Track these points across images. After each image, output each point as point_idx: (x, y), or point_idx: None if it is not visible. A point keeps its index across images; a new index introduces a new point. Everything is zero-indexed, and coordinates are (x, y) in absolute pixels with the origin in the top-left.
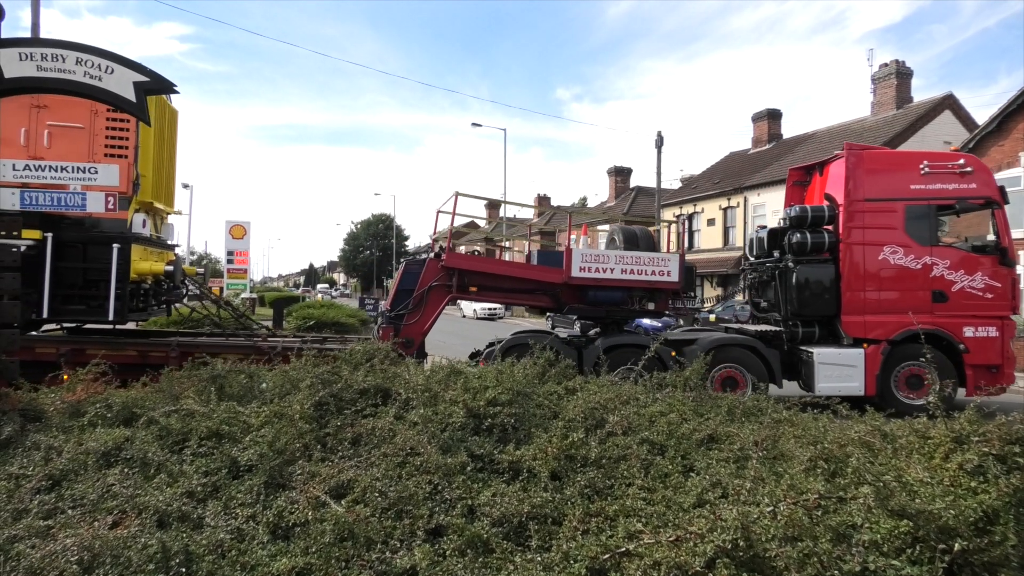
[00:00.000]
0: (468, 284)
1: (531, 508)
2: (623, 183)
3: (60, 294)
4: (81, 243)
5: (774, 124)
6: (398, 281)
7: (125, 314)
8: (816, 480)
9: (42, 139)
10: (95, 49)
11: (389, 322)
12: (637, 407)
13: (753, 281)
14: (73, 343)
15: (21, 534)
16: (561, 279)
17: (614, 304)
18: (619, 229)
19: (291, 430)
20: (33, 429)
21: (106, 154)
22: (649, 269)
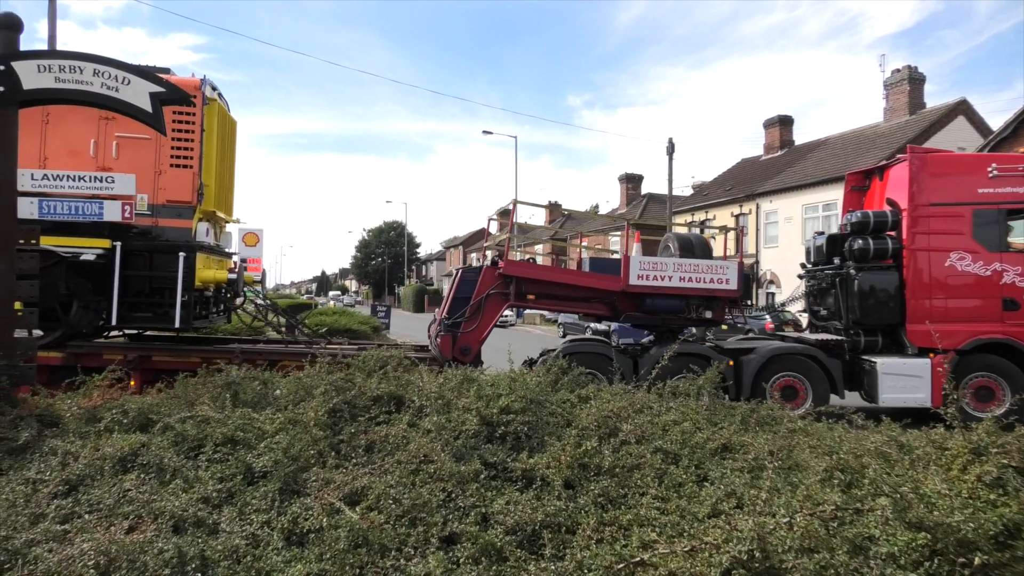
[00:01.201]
0: (526, 292)
1: (545, 516)
2: (634, 190)
3: (127, 301)
4: (148, 252)
5: (786, 130)
6: (455, 289)
7: (190, 321)
8: (832, 491)
9: (110, 150)
10: (112, 60)
11: (447, 330)
12: (651, 416)
13: (811, 288)
14: (140, 349)
15: (38, 538)
16: (619, 287)
17: (671, 312)
18: (674, 236)
19: (305, 437)
20: (50, 434)
21: (172, 164)
22: (708, 277)
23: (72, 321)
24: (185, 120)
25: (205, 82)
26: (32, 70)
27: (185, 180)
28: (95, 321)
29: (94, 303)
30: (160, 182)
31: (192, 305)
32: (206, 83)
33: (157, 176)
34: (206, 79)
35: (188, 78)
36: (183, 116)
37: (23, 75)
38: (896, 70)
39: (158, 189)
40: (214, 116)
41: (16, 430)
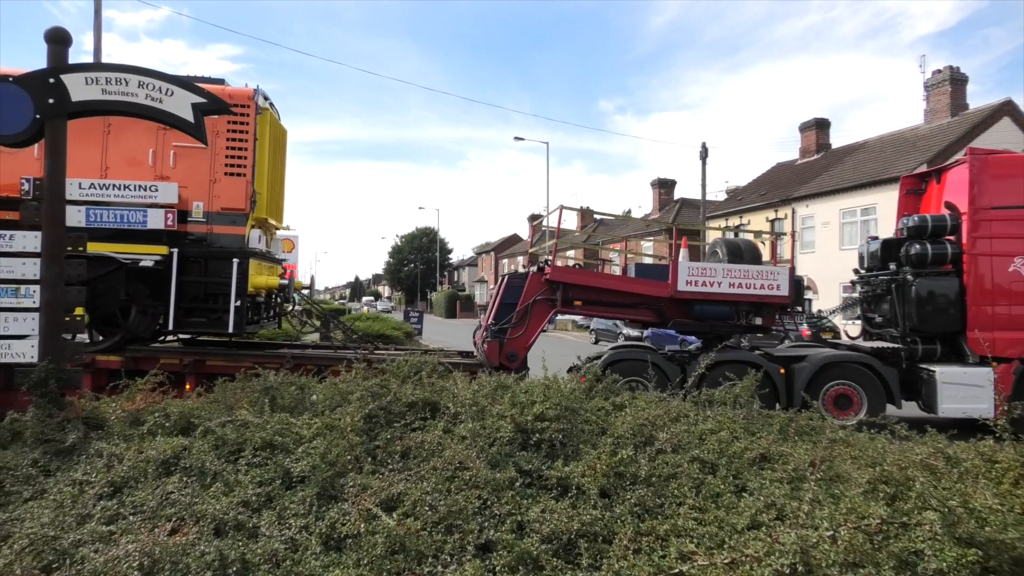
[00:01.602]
0: (573, 298)
1: (581, 525)
2: (667, 195)
3: (183, 307)
4: (203, 258)
5: (822, 134)
6: (501, 294)
7: (243, 326)
8: (877, 504)
9: (168, 160)
10: (156, 72)
11: (494, 336)
12: (687, 424)
13: (865, 295)
14: (196, 354)
15: (85, 539)
16: (667, 293)
17: (720, 319)
18: (722, 241)
19: (342, 442)
20: (96, 437)
21: (226, 172)
22: (758, 283)
23: (131, 326)
24: (239, 129)
25: (258, 92)
26: (80, 82)
27: (239, 188)
28: (152, 326)
29: (151, 308)
30: (215, 190)
31: (245, 310)
32: (258, 93)
33: (212, 184)
34: (259, 89)
35: (241, 88)
36: (237, 125)
37: (72, 87)
38: (937, 71)
39: (213, 197)
40: (266, 125)
41: (63, 432)
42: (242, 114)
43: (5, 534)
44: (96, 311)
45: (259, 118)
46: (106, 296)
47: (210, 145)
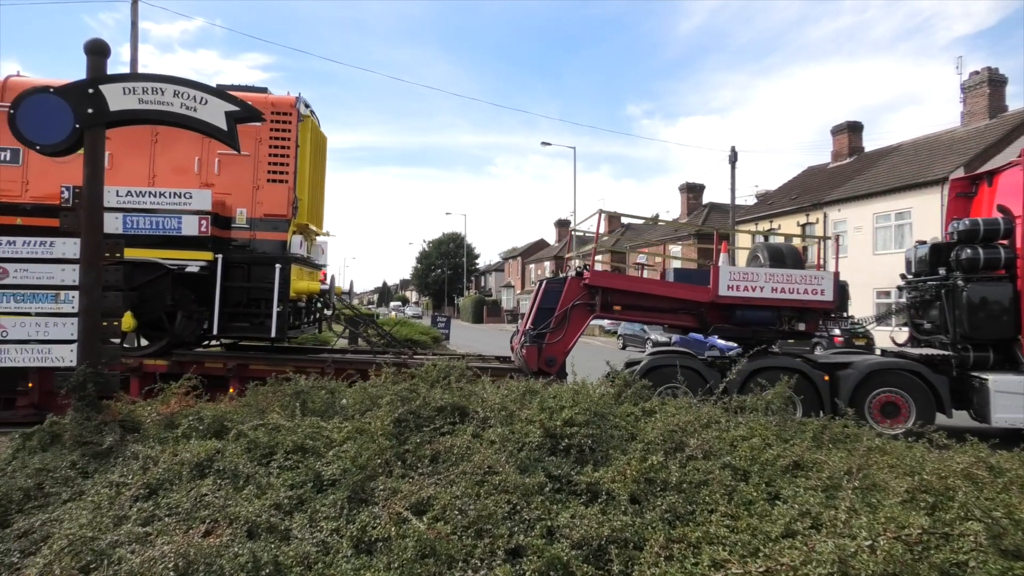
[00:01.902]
0: (612, 303)
1: (611, 531)
2: (695, 200)
3: (226, 312)
4: (246, 263)
5: (855, 137)
6: (539, 299)
7: (285, 331)
8: (917, 514)
9: (213, 167)
10: (190, 82)
11: (532, 341)
12: (718, 431)
13: (913, 301)
14: (239, 358)
15: (122, 540)
16: (708, 298)
17: (762, 324)
18: (763, 246)
19: (372, 446)
20: (132, 439)
21: (269, 179)
22: (801, 288)
23: (177, 330)
24: (281, 136)
25: (299, 99)
26: (118, 92)
27: (281, 194)
28: (197, 331)
29: (196, 313)
30: (258, 196)
31: (287, 315)
32: (300, 100)
33: (255, 191)
34: (300, 97)
35: (284, 96)
36: (279, 133)
37: (110, 97)
38: (975, 72)
39: (256, 203)
40: (308, 132)
41: (101, 435)
42: (284, 121)
43: (45, 534)
44: (143, 316)
45: (300, 125)
46: (153, 301)
47: (253, 152)
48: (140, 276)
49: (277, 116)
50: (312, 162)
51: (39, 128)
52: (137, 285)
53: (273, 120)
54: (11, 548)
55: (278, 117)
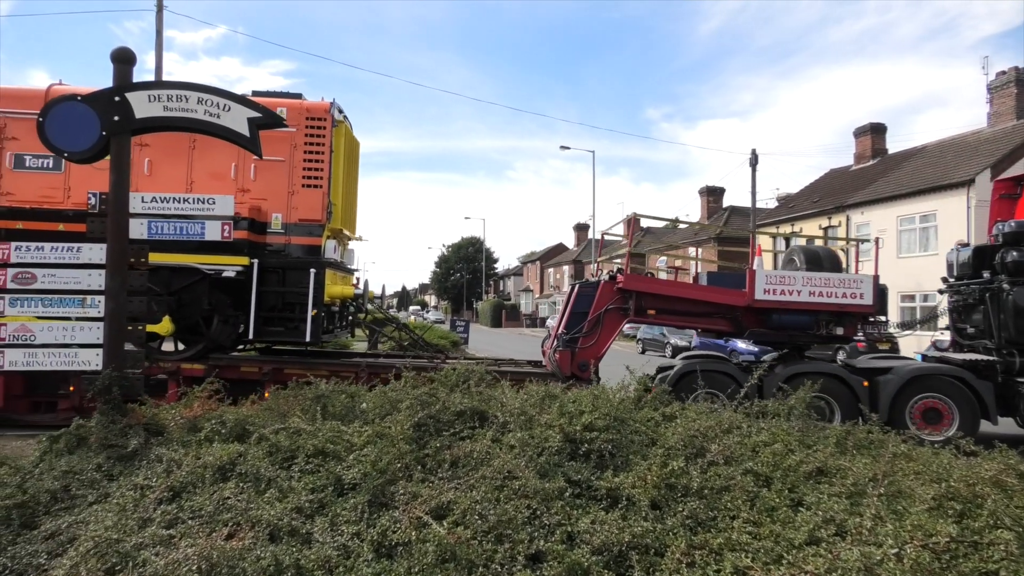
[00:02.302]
0: (645, 307)
1: (632, 537)
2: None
3: (261, 316)
4: (281, 268)
5: (878, 139)
6: (572, 303)
7: (319, 335)
8: (945, 522)
9: (249, 173)
10: (214, 89)
11: (565, 345)
12: (740, 436)
13: (955, 304)
14: (274, 363)
15: (146, 542)
16: (744, 302)
17: (799, 329)
18: (799, 249)
19: (392, 450)
20: (156, 443)
21: (304, 185)
22: (840, 291)
23: (213, 334)
24: (316, 142)
25: (334, 105)
26: (143, 100)
27: (316, 199)
28: (233, 335)
29: (232, 318)
30: (293, 202)
31: (321, 320)
32: (334, 106)
33: (290, 196)
34: (335, 102)
35: (318, 102)
36: (314, 138)
37: (135, 105)
38: (1001, 72)
39: (291, 208)
40: (341, 137)
41: (126, 438)
42: (319, 127)
43: (71, 536)
44: (181, 320)
45: (335, 131)
46: (190, 306)
47: (288, 158)
48: (178, 281)
49: (312, 122)
50: (345, 167)
51: (67, 136)
52: (175, 290)
53: (308, 126)
54: (38, 549)
55: (313, 123)
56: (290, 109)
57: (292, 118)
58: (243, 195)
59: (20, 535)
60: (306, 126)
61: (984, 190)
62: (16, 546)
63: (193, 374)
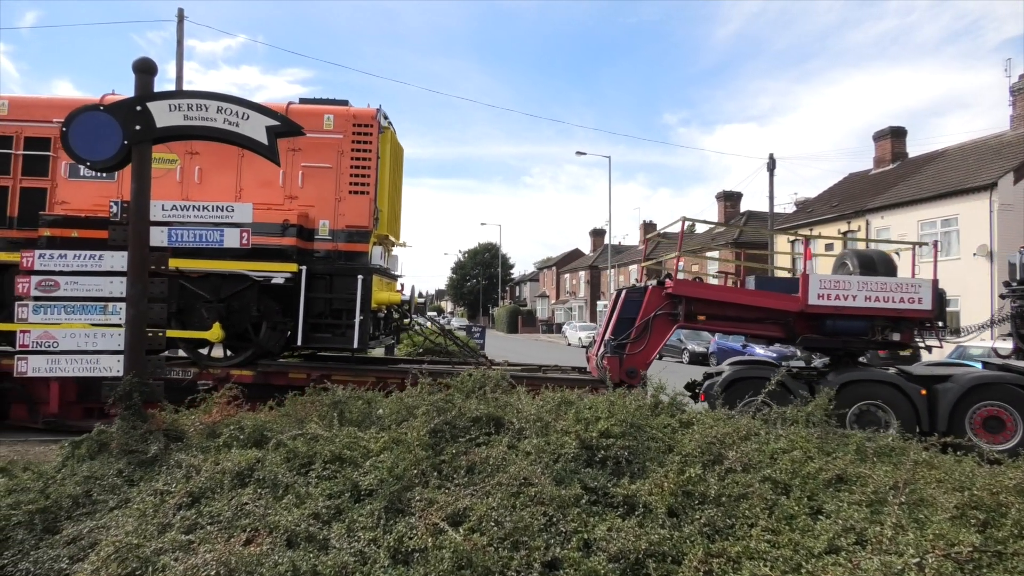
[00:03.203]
0: (695, 312)
1: (649, 545)
2: (733, 208)
3: (309, 322)
4: (328, 275)
5: (898, 142)
6: (620, 309)
7: (366, 342)
8: (968, 531)
9: (297, 180)
10: (233, 98)
11: (613, 351)
12: (757, 443)
13: (1018, 309)
14: (322, 369)
15: (166, 547)
16: (797, 307)
17: (854, 334)
18: (852, 253)
19: (408, 456)
20: (175, 448)
21: (351, 191)
22: (897, 296)
23: (262, 341)
24: (363, 148)
25: (380, 111)
26: (164, 109)
27: (363, 206)
28: (281, 341)
29: (280, 324)
30: (340, 208)
31: (368, 326)
32: (380, 112)
33: (337, 203)
34: (381, 109)
35: (365, 108)
36: (361, 144)
37: (156, 114)
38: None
39: (338, 215)
40: (387, 144)
41: (146, 443)
42: (366, 133)
43: (93, 541)
44: (230, 327)
45: (381, 137)
46: (240, 312)
47: (336, 165)
48: (228, 287)
49: (359, 128)
50: (391, 173)
51: (89, 145)
52: (225, 297)
53: (355, 132)
54: (60, 554)
55: (360, 129)
56: (337, 116)
57: (339, 125)
58: (291, 202)
59: (43, 540)
60: (353, 133)
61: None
62: (39, 550)
63: (242, 380)
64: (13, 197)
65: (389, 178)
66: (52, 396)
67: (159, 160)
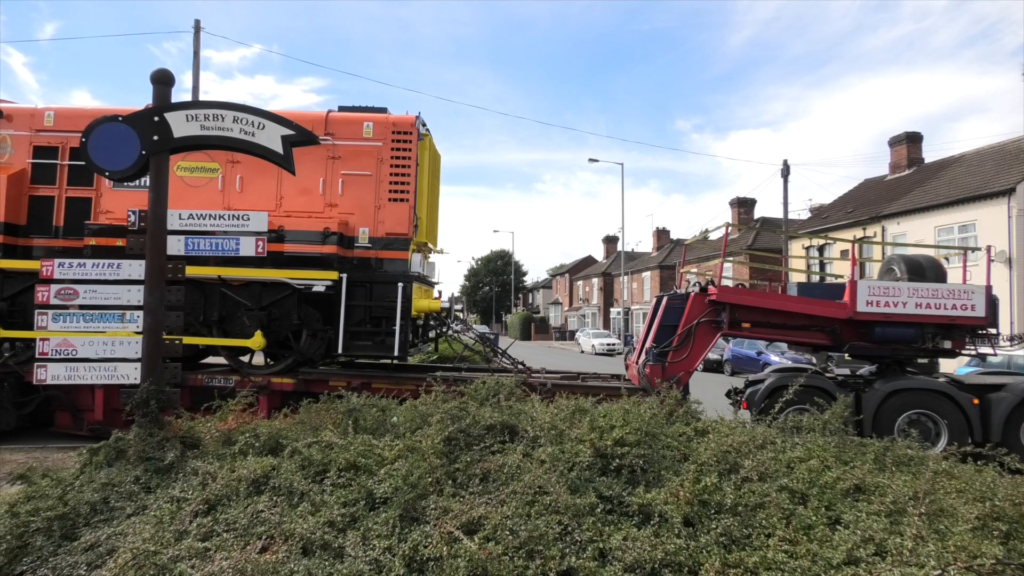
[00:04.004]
0: (740, 320)
1: (665, 555)
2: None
3: (349, 330)
4: (368, 282)
5: (914, 148)
6: (661, 316)
7: (407, 349)
8: (990, 543)
9: (337, 188)
10: (249, 108)
11: (656, 359)
12: (774, 452)
13: None
14: (363, 377)
15: (182, 554)
16: (845, 314)
17: (904, 341)
18: (899, 258)
19: (423, 464)
20: (192, 455)
21: (391, 198)
22: (949, 303)
23: (302, 349)
24: (402, 156)
25: (419, 118)
26: (181, 119)
27: (403, 213)
28: (321, 349)
29: (320, 332)
30: (379, 216)
31: (408, 334)
32: (419, 119)
33: (377, 210)
34: (420, 116)
35: (404, 116)
36: (401, 152)
37: (173, 124)
38: None
39: (378, 222)
40: (426, 151)
41: (163, 451)
42: (405, 141)
43: (110, 548)
44: (271, 335)
45: (420, 144)
46: (280, 320)
47: (375, 172)
48: (268, 296)
49: (398, 135)
50: (429, 180)
51: (108, 155)
52: (266, 304)
53: (394, 140)
54: (78, 561)
55: (399, 136)
56: (376, 123)
57: (379, 132)
58: (331, 210)
59: (61, 546)
60: (392, 140)
61: None
62: (57, 557)
63: (283, 388)
64: (59, 207)
65: (427, 185)
66: (97, 404)
67: (202, 169)
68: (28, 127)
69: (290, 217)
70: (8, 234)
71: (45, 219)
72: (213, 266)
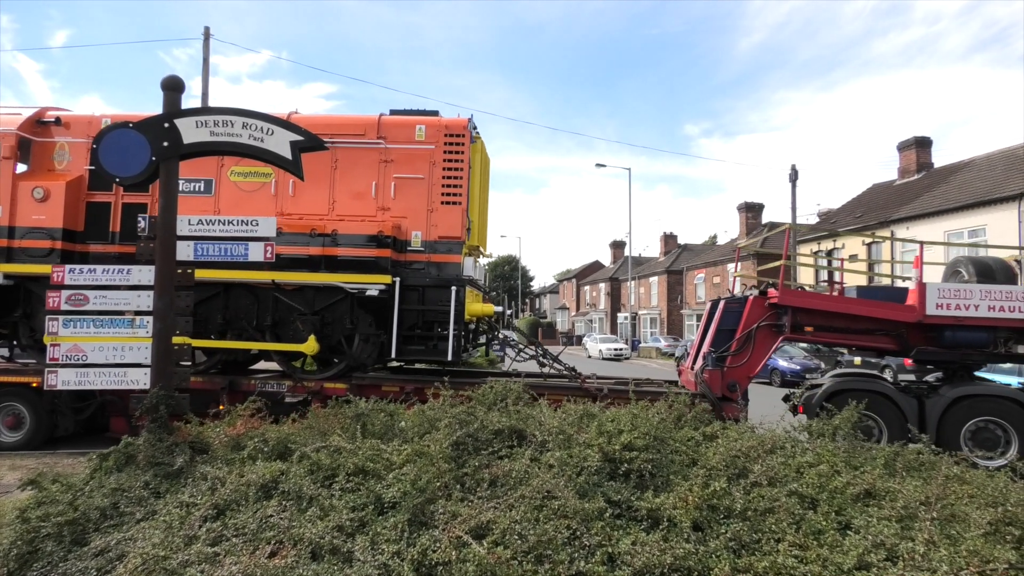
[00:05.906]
0: (802, 324)
1: (674, 559)
2: (754, 219)
3: (401, 335)
4: (421, 286)
5: (923, 152)
6: (718, 320)
7: (460, 354)
8: (1003, 548)
9: (389, 191)
10: (258, 114)
11: (715, 364)
12: (783, 456)
13: None
14: (416, 382)
15: (192, 559)
16: (914, 318)
17: (975, 346)
18: (967, 260)
19: (431, 469)
20: (201, 460)
21: (443, 202)
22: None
23: (355, 353)
24: (455, 159)
25: (471, 121)
26: (191, 125)
27: (455, 216)
28: (374, 354)
29: (373, 336)
30: (432, 219)
31: (461, 339)
32: (471, 123)
33: (429, 214)
34: (472, 119)
35: (457, 118)
36: (453, 155)
37: (183, 130)
38: None
39: (430, 226)
40: (477, 154)
41: (172, 456)
42: (458, 143)
43: (120, 553)
44: (323, 339)
45: (472, 147)
46: (333, 325)
47: (428, 175)
48: (321, 300)
49: (450, 139)
50: (479, 183)
51: (119, 161)
52: (319, 309)
53: (447, 143)
54: (88, 566)
55: (451, 139)
56: (429, 126)
57: (431, 135)
58: (384, 213)
59: (71, 551)
60: (445, 143)
61: None
62: (67, 562)
63: (336, 393)
64: (115, 213)
65: (479, 188)
66: None
67: (255, 173)
68: (85, 134)
69: (343, 221)
70: (67, 240)
71: (102, 225)
72: (266, 270)
